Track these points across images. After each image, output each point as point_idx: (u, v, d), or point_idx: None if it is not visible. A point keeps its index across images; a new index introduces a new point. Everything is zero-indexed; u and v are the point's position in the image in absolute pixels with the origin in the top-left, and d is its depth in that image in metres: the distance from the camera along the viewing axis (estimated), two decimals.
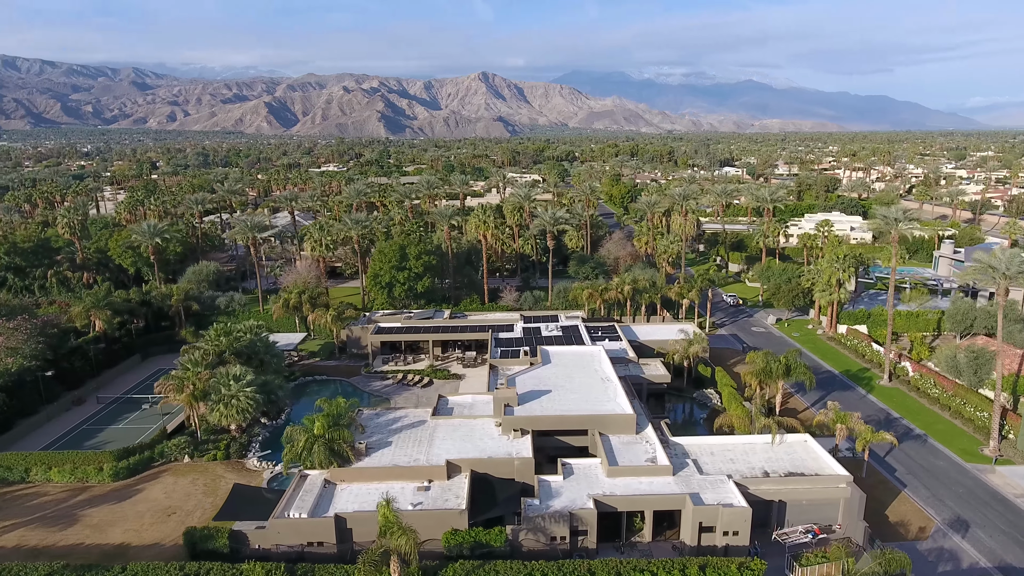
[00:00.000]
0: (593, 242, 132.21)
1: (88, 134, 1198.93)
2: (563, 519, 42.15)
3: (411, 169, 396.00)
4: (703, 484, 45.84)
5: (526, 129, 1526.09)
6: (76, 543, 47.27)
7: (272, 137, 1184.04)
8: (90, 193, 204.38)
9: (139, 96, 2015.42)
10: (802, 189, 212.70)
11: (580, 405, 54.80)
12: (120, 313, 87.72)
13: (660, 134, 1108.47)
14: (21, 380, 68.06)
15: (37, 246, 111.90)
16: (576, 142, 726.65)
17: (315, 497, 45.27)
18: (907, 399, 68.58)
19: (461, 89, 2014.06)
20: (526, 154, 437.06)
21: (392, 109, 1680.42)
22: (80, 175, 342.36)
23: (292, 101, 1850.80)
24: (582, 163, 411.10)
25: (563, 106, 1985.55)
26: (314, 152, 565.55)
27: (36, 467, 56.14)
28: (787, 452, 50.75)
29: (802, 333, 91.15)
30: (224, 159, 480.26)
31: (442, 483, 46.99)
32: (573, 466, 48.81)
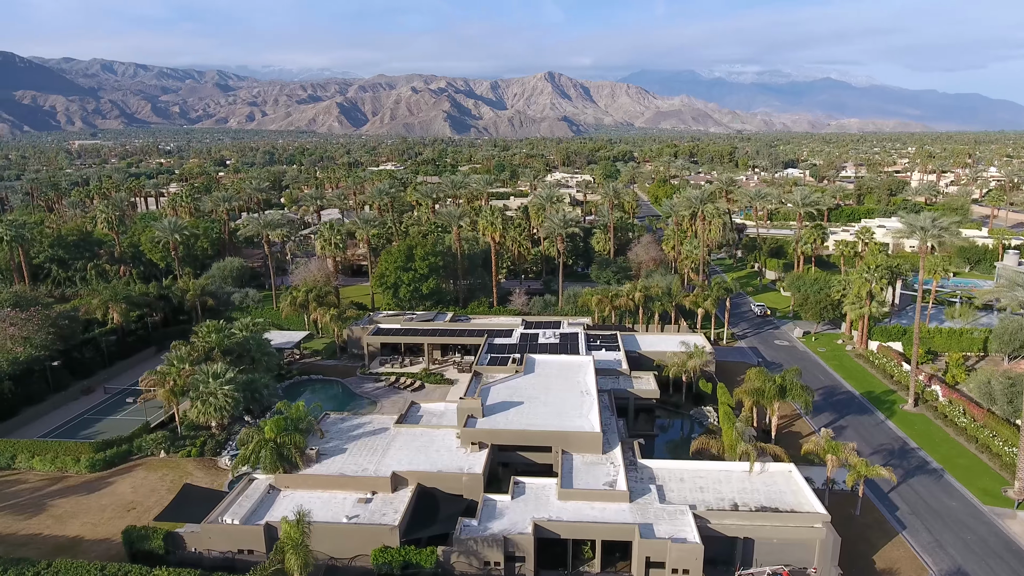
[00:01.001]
0: (622, 245, 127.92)
1: (173, 133, 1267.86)
2: (497, 543, 39.53)
3: (465, 168, 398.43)
4: (660, 514, 42.14)
5: (591, 129, 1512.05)
6: (35, 533, 48.20)
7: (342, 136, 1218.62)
8: (152, 189, 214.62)
9: (221, 97, 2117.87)
10: (863, 192, 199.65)
11: (548, 420, 51.81)
12: (139, 306, 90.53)
13: (728, 134, 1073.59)
14: (29, 369, 70.82)
15: (80, 239, 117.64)
16: (639, 142, 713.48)
17: (254, 503, 44.36)
18: (931, 428, 61.85)
19: (527, 89, 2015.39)
20: (581, 154, 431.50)
21: (458, 109, 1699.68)
22: (151, 172, 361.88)
23: (362, 101, 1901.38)
24: (639, 164, 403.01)
25: (629, 106, 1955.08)
26: (377, 151, 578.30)
27: (22, 454, 57.99)
28: (766, 483, 46.19)
29: (829, 348, 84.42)
30: (289, 157, 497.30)
31: (386, 495, 45.16)
32: (526, 485, 46.02)
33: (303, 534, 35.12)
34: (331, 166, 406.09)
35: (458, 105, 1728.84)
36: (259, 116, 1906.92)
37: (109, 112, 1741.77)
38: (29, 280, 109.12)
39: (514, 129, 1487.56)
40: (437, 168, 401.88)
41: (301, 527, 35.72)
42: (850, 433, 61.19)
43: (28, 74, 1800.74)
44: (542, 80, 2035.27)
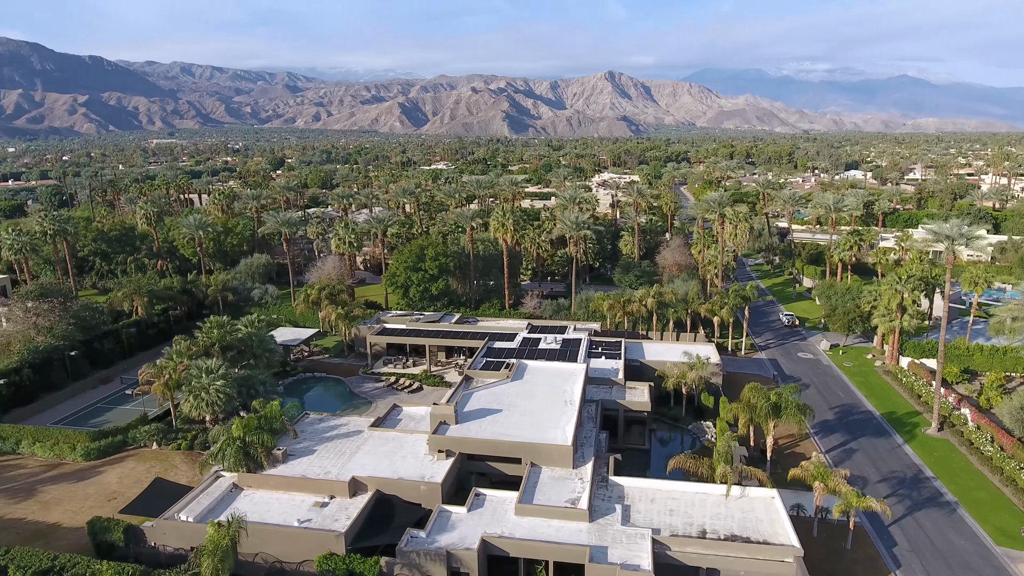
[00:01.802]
0: (651, 248, 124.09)
1: (244, 133, 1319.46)
2: (440, 558, 38.09)
3: (516, 168, 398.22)
4: (619, 537, 39.70)
5: (650, 129, 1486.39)
6: (20, 517, 49.87)
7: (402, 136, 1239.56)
8: (203, 187, 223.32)
9: (290, 98, 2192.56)
10: (923, 196, 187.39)
11: (521, 430, 49.92)
12: (163, 300, 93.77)
13: (794, 134, 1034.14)
14: (49, 358, 73.96)
15: (122, 234, 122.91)
16: (698, 142, 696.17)
17: (213, 500, 44.45)
18: (953, 455, 56.54)
19: (586, 88, 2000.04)
20: (633, 154, 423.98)
21: (517, 109, 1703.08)
22: (214, 170, 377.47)
23: (423, 102, 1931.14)
24: (692, 164, 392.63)
25: (691, 105, 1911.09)
26: (432, 150, 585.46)
27: (25, 440, 60.39)
28: (743, 509, 42.95)
29: (856, 363, 78.88)
30: (346, 156, 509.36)
31: (343, 501, 44.42)
32: (486, 498, 44.36)
33: (231, 538, 34.64)
34: (384, 165, 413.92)
35: (517, 105, 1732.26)
36: (324, 116, 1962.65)
37: (186, 112, 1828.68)
38: (74, 272, 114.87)
39: (572, 129, 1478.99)
40: (487, 167, 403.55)
41: (232, 530, 35.29)
42: (860, 457, 56.70)
43: (115, 77, 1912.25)
44: (602, 80, 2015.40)
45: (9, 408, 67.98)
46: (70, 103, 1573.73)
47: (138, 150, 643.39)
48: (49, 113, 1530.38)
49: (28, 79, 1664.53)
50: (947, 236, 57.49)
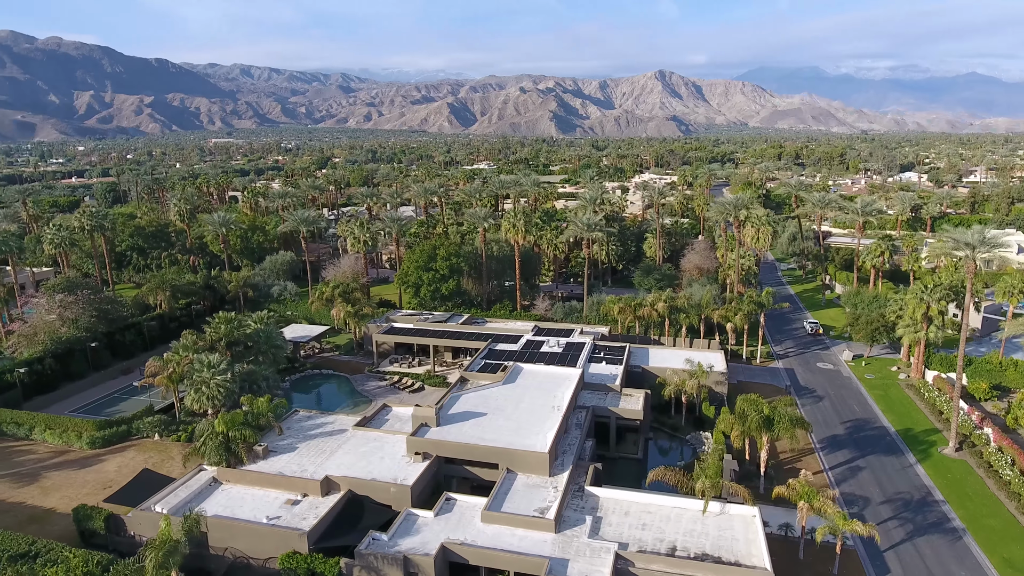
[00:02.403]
0: (677, 251, 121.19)
1: (298, 132, 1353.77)
2: (397, 562, 37.67)
3: (557, 168, 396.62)
4: (582, 550, 38.47)
5: (701, 129, 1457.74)
6: (20, 501, 51.88)
7: (450, 136, 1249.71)
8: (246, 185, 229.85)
9: (343, 99, 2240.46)
10: (977, 200, 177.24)
11: (502, 435, 49.07)
12: (187, 295, 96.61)
13: (851, 135, 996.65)
14: (71, 348, 77.05)
15: (157, 230, 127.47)
16: (748, 142, 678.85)
17: (191, 493, 45.21)
18: (968, 478, 52.85)
19: (636, 88, 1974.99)
20: (677, 155, 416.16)
21: (565, 109, 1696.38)
22: (262, 169, 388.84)
23: (472, 102, 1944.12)
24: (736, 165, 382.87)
25: (744, 104, 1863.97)
26: (477, 150, 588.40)
27: (38, 427, 62.96)
28: (720, 527, 41.05)
29: (879, 376, 74.86)
30: (390, 155, 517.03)
31: (315, 499, 44.53)
32: (456, 503, 43.71)
33: (186, 532, 35.06)
34: (426, 164, 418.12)
35: (565, 105, 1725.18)
36: (376, 116, 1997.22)
37: (244, 113, 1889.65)
38: (112, 266, 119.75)
39: (620, 129, 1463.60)
40: (528, 167, 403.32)
41: (187, 524, 35.74)
42: (865, 476, 53.63)
43: (178, 79, 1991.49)
44: (652, 79, 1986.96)
45: (32, 395, 71.03)
46: (137, 104, 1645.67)
47: (195, 149, 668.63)
48: (117, 113, 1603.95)
49: (99, 81, 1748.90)
50: (967, 244, 53.67)
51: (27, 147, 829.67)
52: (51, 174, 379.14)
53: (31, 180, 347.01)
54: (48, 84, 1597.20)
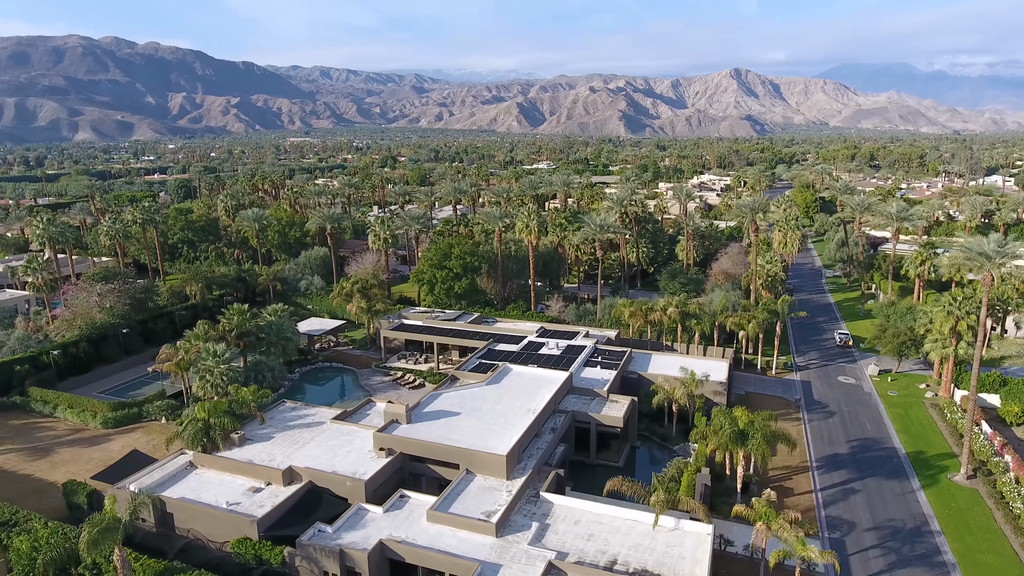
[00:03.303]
0: (710, 255, 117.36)
1: (371, 132, 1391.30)
2: (333, 555, 38.19)
3: (616, 168, 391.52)
4: (519, 557, 37.81)
5: (777, 128, 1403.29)
6: (28, 474, 55.85)
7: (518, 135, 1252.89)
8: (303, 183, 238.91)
9: (416, 99, 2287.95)
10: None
11: (465, 435, 48.86)
12: (220, 287, 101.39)
13: (942, 135, 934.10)
14: (105, 334, 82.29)
15: (206, 225, 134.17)
16: (826, 142, 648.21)
17: (166, 475, 47.28)
18: (974, 509, 48.53)
19: (710, 87, 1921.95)
20: (742, 155, 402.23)
21: (634, 108, 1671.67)
22: (329, 167, 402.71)
23: (541, 102, 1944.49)
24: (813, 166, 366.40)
25: (825, 103, 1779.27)
26: (540, 149, 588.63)
27: (62, 406, 67.61)
28: (669, 543, 39.38)
29: (903, 393, 69.86)
30: (452, 155, 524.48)
31: (276, 488, 45.70)
32: (410, 500, 43.86)
33: (132, 512, 36.78)
34: (486, 164, 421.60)
35: (635, 104, 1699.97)
36: (447, 116, 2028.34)
37: (322, 113, 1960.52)
38: (165, 258, 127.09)
39: (692, 129, 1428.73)
40: (588, 167, 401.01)
41: (134, 504, 37.48)
42: (858, 499, 50.20)
43: (263, 81, 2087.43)
44: (727, 77, 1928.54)
45: (66, 376, 76.31)
46: (224, 104, 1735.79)
47: (271, 148, 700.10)
48: (207, 114, 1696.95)
49: (191, 83, 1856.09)
50: (982, 254, 49.08)
51: (124, 145, 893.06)
52: (137, 171, 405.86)
53: (119, 176, 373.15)
54: (146, 86, 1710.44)
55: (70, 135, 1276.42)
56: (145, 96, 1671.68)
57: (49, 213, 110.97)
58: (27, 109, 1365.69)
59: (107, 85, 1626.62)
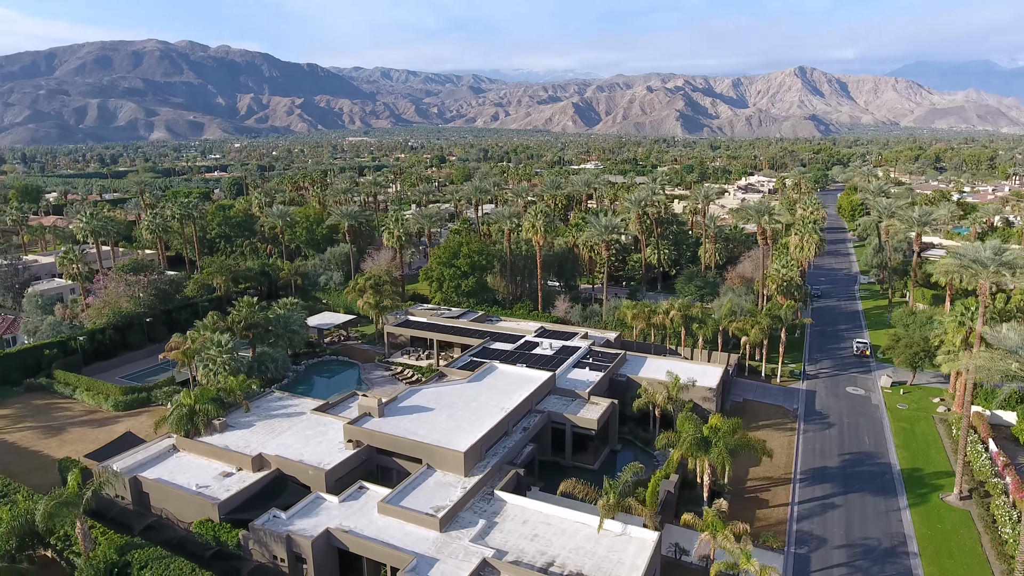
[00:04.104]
0: (733, 258, 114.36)
1: (427, 132, 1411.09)
2: (280, 540, 39.44)
3: (665, 169, 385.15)
4: (457, 552, 38.10)
5: (843, 129, 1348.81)
6: (38, 451, 59.71)
7: (572, 135, 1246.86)
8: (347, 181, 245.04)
9: (473, 99, 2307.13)
10: None
11: (431, 431, 49.36)
12: (245, 280, 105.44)
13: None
14: (130, 322, 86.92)
15: (243, 220, 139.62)
16: (893, 143, 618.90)
17: (148, 456, 49.76)
18: (961, 532, 45.80)
19: (772, 86, 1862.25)
20: (797, 156, 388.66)
21: (692, 108, 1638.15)
22: (379, 166, 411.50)
23: (597, 101, 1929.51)
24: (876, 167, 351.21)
25: (895, 102, 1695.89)
26: (589, 150, 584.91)
27: (80, 388, 71.96)
28: (612, 548, 38.85)
29: (914, 407, 66.39)
30: (501, 155, 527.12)
31: (246, 474, 47.44)
32: (368, 492, 44.72)
33: (95, 489, 38.99)
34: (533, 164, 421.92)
35: (693, 104, 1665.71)
36: (502, 116, 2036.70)
37: (381, 113, 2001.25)
38: (203, 251, 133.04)
39: (752, 129, 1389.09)
40: (635, 167, 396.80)
41: (97, 482, 39.68)
42: (837, 515, 48.15)
43: (326, 82, 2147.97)
44: (791, 76, 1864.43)
45: (92, 361, 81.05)
46: (289, 105, 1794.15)
47: (329, 147, 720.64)
48: (272, 114, 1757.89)
49: (258, 85, 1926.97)
50: (975, 261, 46.02)
51: (193, 144, 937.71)
52: (198, 168, 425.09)
53: (182, 174, 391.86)
54: (216, 87, 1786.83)
55: (146, 134, 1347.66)
56: (216, 97, 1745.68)
57: (93, 207, 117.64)
58: (108, 110, 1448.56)
59: (181, 87, 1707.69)
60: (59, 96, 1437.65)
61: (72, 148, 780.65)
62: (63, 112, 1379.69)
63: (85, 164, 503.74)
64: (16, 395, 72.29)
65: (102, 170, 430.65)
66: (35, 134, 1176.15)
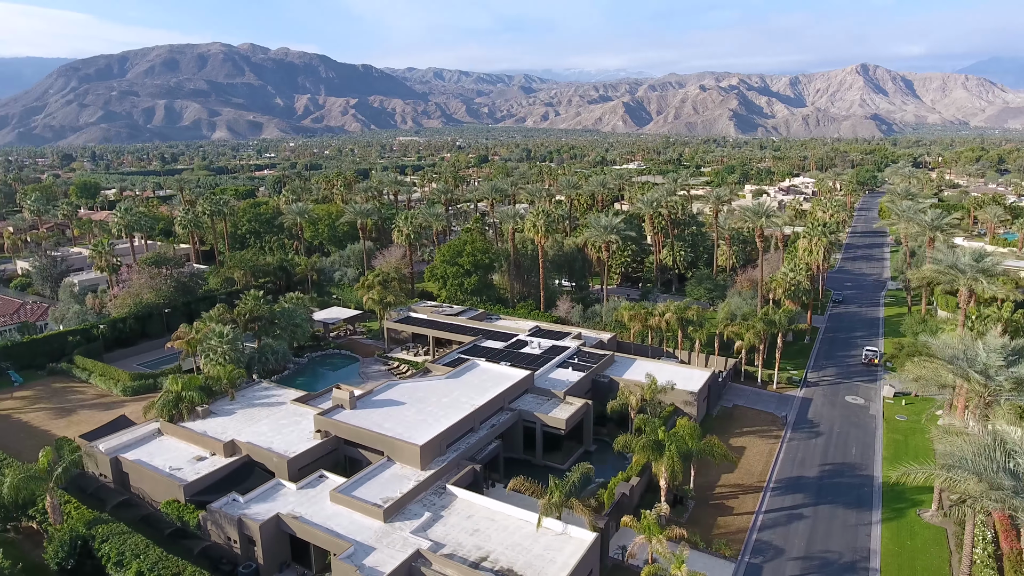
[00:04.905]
0: (750, 260, 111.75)
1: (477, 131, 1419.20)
2: (233, 523, 41.14)
3: (707, 170, 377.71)
4: (395, 543, 38.94)
5: (908, 128, 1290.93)
6: (46, 430, 63.59)
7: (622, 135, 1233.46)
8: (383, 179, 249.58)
9: (524, 99, 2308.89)
10: None
11: (399, 425, 50.43)
12: (264, 275, 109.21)
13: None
14: (150, 312, 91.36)
15: (272, 216, 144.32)
16: (959, 143, 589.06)
17: (133, 439, 52.50)
18: (933, 550, 43.89)
19: (832, 84, 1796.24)
20: (845, 156, 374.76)
21: (747, 107, 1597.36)
22: (419, 166, 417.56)
23: (649, 101, 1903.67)
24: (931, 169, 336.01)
25: (965, 100, 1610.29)
26: (633, 150, 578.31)
27: (96, 373, 76.23)
28: (548, 547, 38.95)
29: (913, 418, 63.63)
30: (544, 154, 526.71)
31: (217, 458, 49.50)
32: (327, 480, 46.10)
33: (63, 467, 41.55)
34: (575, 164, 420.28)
35: (748, 103, 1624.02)
36: (552, 116, 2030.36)
37: (433, 113, 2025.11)
38: (235, 246, 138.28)
39: (809, 129, 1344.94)
40: (679, 167, 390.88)
41: (67, 459, 42.26)
42: (802, 526, 46.84)
43: (380, 82, 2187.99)
44: (852, 74, 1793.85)
45: (112, 348, 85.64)
46: (343, 105, 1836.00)
47: (378, 146, 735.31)
48: (327, 114, 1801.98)
49: (315, 85, 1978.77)
50: (952, 267, 43.83)
51: (251, 143, 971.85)
52: (250, 167, 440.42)
53: (234, 172, 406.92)
54: (275, 89, 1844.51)
55: (208, 134, 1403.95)
56: (275, 98, 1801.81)
57: (130, 204, 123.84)
58: (174, 110, 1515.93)
59: (242, 88, 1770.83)
60: (129, 97, 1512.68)
61: (138, 147, 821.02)
62: (133, 112, 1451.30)
63: (147, 162, 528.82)
64: (39, 378, 77.08)
65: (162, 168, 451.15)
66: (107, 133, 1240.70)
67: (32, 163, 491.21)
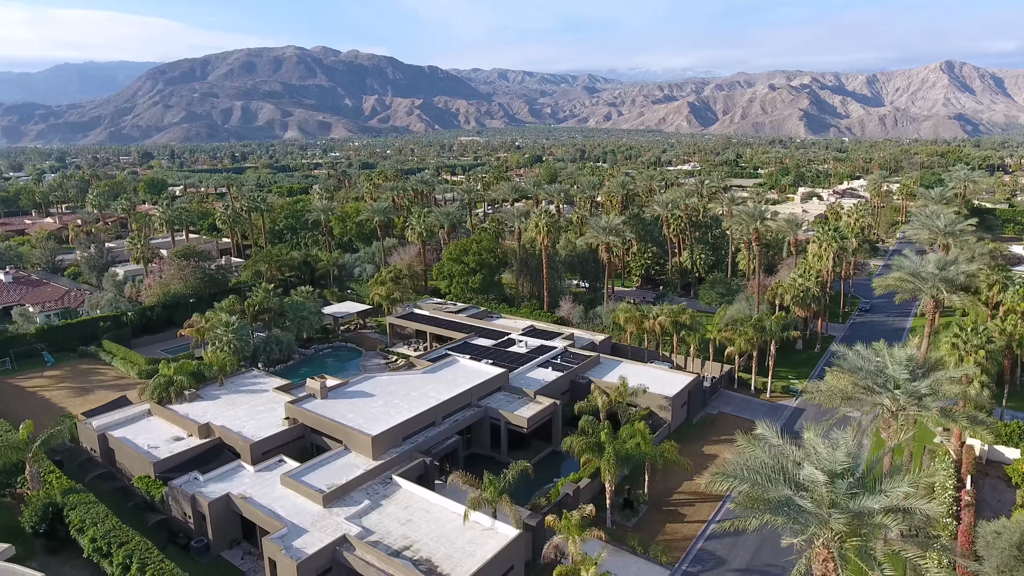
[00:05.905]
0: (773, 265, 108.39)
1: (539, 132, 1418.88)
2: (186, 498, 43.85)
3: (764, 172, 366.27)
4: (328, 527, 40.58)
5: (996, 129, 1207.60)
6: (63, 407, 68.72)
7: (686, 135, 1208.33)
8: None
9: (587, 99, 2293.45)
10: None
11: (361, 416, 52.15)
12: (290, 268, 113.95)
13: None
14: (177, 302, 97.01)
15: (303, 213, 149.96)
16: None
17: (123, 418, 56.42)
18: None
19: (913, 83, 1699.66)
20: (913, 159, 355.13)
21: (819, 107, 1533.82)
22: (472, 165, 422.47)
23: (715, 100, 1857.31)
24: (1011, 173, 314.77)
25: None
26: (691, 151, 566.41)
27: (118, 357, 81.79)
28: (471, 540, 39.68)
29: (906, 435, 60.53)
30: (599, 154, 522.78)
31: (192, 439, 52.61)
32: (285, 465, 48.33)
33: (43, 441, 45.30)
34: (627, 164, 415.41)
35: (820, 102, 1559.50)
36: (615, 116, 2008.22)
37: (496, 113, 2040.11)
38: (272, 241, 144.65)
39: (886, 129, 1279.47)
40: (735, 169, 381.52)
41: (50, 433, 46.01)
42: (751, 540, 45.56)
43: (445, 83, 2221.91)
44: (935, 71, 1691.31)
45: (141, 334, 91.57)
46: (409, 106, 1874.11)
47: (438, 146, 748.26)
48: (393, 115, 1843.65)
49: (382, 87, 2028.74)
50: (914, 275, 41.56)
51: (319, 143, 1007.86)
52: (310, 165, 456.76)
53: (295, 170, 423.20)
54: (345, 90, 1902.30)
55: (281, 134, 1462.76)
56: (344, 99, 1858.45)
57: (167, 199, 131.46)
58: (250, 111, 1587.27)
59: (314, 89, 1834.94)
60: (209, 99, 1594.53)
61: (213, 146, 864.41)
62: (212, 113, 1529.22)
63: (219, 161, 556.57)
64: (69, 360, 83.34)
65: (231, 166, 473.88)
66: (188, 133, 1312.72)
67: (116, 160, 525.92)
